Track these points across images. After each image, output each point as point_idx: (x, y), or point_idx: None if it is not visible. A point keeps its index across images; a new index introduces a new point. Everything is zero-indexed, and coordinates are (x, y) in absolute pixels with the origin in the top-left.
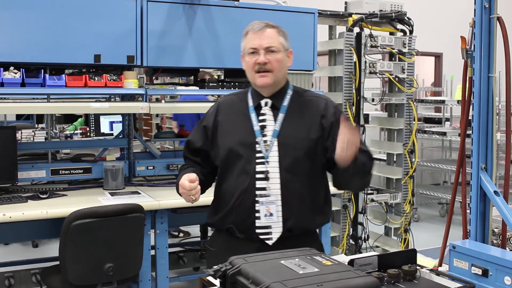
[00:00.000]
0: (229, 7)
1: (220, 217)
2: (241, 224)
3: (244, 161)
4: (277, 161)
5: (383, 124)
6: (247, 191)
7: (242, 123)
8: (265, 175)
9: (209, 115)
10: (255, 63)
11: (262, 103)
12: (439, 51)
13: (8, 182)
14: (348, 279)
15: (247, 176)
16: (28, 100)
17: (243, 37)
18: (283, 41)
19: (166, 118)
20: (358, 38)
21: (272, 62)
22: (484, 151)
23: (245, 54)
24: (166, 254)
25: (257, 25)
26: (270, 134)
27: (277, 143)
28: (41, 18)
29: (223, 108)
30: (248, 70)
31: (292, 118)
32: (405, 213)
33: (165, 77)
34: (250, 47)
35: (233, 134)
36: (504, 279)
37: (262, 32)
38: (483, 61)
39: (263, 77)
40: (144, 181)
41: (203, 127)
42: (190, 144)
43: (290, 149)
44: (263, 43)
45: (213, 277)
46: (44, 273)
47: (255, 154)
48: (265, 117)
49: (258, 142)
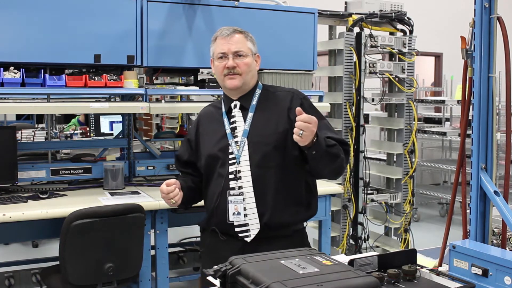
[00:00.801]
0: (229, 7)
1: (205, 219)
2: (221, 225)
3: (220, 164)
4: (247, 159)
5: (383, 124)
6: (222, 193)
7: (218, 129)
8: (235, 175)
9: (191, 128)
10: (224, 67)
11: (232, 106)
12: (439, 51)
13: (8, 182)
14: (348, 279)
15: (222, 179)
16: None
17: (212, 42)
18: (251, 46)
19: (166, 118)
20: (358, 38)
21: (240, 66)
22: (484, 151)
23: (214, 58)
24: (166, 254)
25: (226, 31)
26: (241, 134)
27: (247, 142)
28: (41, 18)
29: (202, 119)
30: (218, 74)
31: (260, 115)
32: (405, 213)
33: (165, 77)
34: (219, 51)
35: (210, 141)
36: (504, 279)
37: (231, 37)
38: (483, 61)
39: (232, 79)
40: (144, 181)
41: (187, 140)
42: (179, 158)
43: (260, 145)
44: (232, 48)
45: (213, 277)
46: (44, 273)
47: (228, 156)
48: (235, 118)
49: (230, 144)
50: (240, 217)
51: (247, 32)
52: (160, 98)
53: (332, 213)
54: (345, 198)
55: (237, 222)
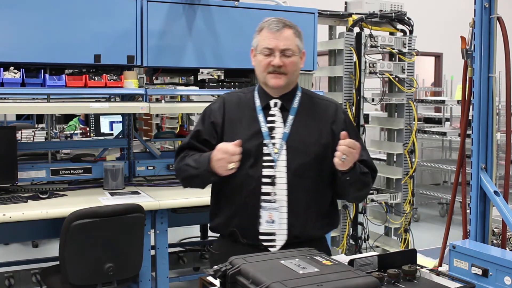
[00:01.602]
0: (229, 7)
1: (223, 219)
2: (244, 228)
3: (251, 163)
4: (285, 166)
5: (383, 124)
6: (252, 195)
7: (249, 124)
8: (272, 179)
9: (215, 110)
10: (269, 64)
11: (271, 103)
12: (439, 51)
13: (8, 182)
14: (348, 279)
15: (252, 179)
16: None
17: (256, 32)
18: (299, 43)
19: (166, 118)
20: (358, 38)
21: (287, 65)
22: (484, 151)
23: (257, 51)
24: (166, 254)
25: (275, 24)
26: (279, 136)
27: (286, 146)
28: (41, 18)
29: (229, 105)
30: (259, 69)
31: (301, 121)
32: (405, 213)
33: (165, 77)
34: (265, 46)
35: (239, 134)
36: (504, 279)
37: (280, 32)
38: (483, 61)
39: (276, 79)
40: (144, 181)
41: (211, 123)
42: (200, 134)
43: (299, 153)
44: (280, 45)
45: (213, 277)
46: (44, 273)
47: (263, 157)
48: (274, 118)
49: (266, 144)
50: (274, 226)
51: (296, 26)
52: (160, 98)
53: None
54: None
55: (267, 230)
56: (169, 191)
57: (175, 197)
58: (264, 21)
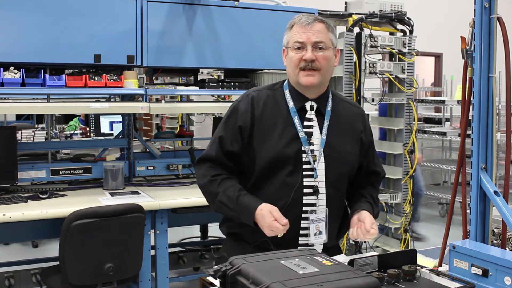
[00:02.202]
0: (229, 7)
1: (251, 230)
2: (280, 240)
3: (288, 171)
4: (323, 175)
5: (383, 124)
6: (291, 206)
7: (285, 127)
8: (314, 190)
9: (243, 112)
10: (300, 59)
11: (307, 106)
12: (439, 51)
13: (8, 182)
14: (348, 279)
15: (290, 189)
16: (28, 100)
17: (287, 30)
18: (333, 37)
19: (166, 118)
20: (358, 38)
21: (320, 60)
22: (484, 151)
23: (288, 48)
24: (166, 254)
25: (305, 18)
26: (318, 143)
27: (324, 154)
28: (41, 18)
29: (257, 103)
30: (291, 67)
31: (335, 126)
32: (405, 213)
33: (165, 77)
34: (296, 40)
35: (274, 138)
36: (504, 279)
37: (311, 26)
38: (483, 61)
39: (309, 76)
40: (144, 181)
41: (239, 128)
42: (224, 144)
43: (336, 163)
44: (312, 38)
45: (213, 277)
46: (44, 273)
47: (302, 165)
48: (312, 123)
49: (305, 151)
50: (322, 237)
51: (328, 22)
52: (160, 98)
53: None
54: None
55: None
56: (169, 191)
57: (175, 197)
58: (295, 18)
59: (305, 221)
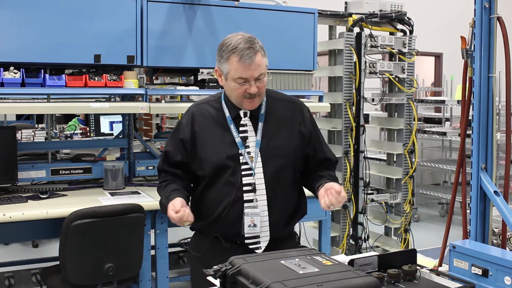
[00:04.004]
0: (229, 7)
1: (204, 225)
2: (228, 233)
3: (230, 173)
4: (261, 172)
5: (383, 124)
6: (233, 203)
7: (222, 135)
8: (253, 187)
9: (183, 126)
10: (244, 91)
11: (241, 113)
12: (439, 51)
13: (8, 182)
14: (348, 279)
15: (232, 188)
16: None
17: (223, 58)
18: (266, 61)
19: (166, 118)
20: (358, 38)
21: (261, 88)
22: (484, 151)
23: (227, 78)
24: (166, 254)
25: (247, 55)
26: (253, 145)
27: (260, 154)
28: (41, 18)
29: (197, 118)
30: (234, 95)
31: (270, 126)
32: (405, 213)
33: (165, 77)
34: (239, 76)
35: (214, 146)
36: (504, 279)
37: (253, 62)
38: (483, 61)
39: (252, 103)
40: (144, 181)
41: (180, 140)
42: (169, 157)
43: (273, 159)
44: (254, 74)
45: (213, 277)
46: (44, 273)
47: (241, 166)
48: (246, 128)
49: (242, 154)
50: (256, 229)
51: (259, 44)
52: (160, 98)
53: (332, 213)
54: None
55: (251, 234)
56: None
57: None
58: (231, 48)
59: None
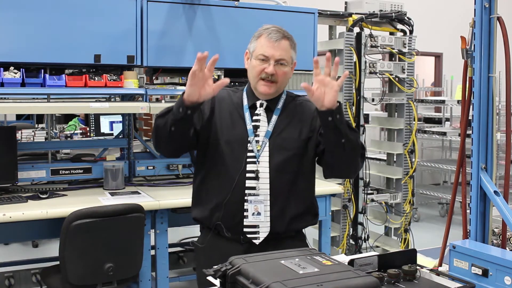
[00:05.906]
0: (229, 7)
1: (207, 212)
2: (229, 221)
3: (234, 158)
4: (267, 161)
5: (383, 124)
6: (236, 189)
7: (236, 120)
8: (256, 174)
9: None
10: (262, 70)
11: (257, 103)
12: (439, 51)
13: (8, 182)
14: (348, 279)
15: (236, 174)
16: (28, 100)
17: (254, 37)
18: (293, 54)
19: None
20: (358, 38)
21: (279, 75)
22: (484, 151)
23: (252, 56)
24: (166, 254)
25: (274, 34)
26: (263, 134)
27: (268, 143)
28: (41, 18)
29: (219, 101)
30: (252, 73)
31: (284, 120)
32: (405, 213)
33: (165, 77)
34: (261, 53)
35: (226, 129)
36: (504, 279)
37: (278, 43)
38: (483, 61)
39: (266, 86)
40: (144, 181)
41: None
42: None
43: (281, 149)
44: (276, 55)
45: (213, 277)
46: (44, 273)
47: (247, 153)
48: (259, 117)
49: (250, 141)
50: (260, 218)
51: (292, 38)
52: (160, 98)
53: (332, 213)
54: (345, 198)
55: (252, 223)
56: (169, 191)
57: (175, 197)
58: (264, 28)
59: (247, 202)
